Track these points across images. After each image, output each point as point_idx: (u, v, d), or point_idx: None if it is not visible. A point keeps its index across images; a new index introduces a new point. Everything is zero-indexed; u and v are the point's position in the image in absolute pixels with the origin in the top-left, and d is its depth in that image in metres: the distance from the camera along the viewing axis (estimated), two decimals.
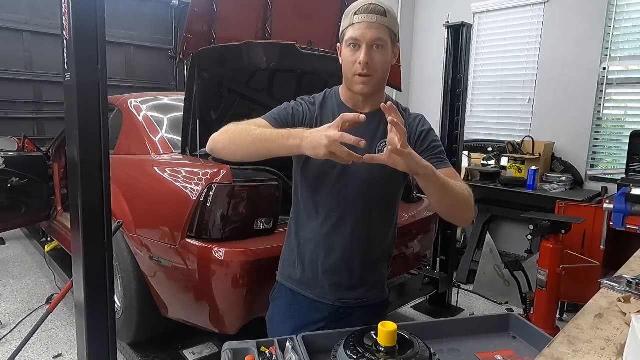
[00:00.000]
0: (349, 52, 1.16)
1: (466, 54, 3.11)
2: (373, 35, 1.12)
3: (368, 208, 1.25)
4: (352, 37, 1.14)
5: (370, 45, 1.13)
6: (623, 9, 3.53)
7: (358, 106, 1.25)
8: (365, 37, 1.12)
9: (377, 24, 1.13)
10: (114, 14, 5.50)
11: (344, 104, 1.26)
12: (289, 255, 1.35)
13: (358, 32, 1.13)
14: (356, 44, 1.14)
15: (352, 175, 1.21)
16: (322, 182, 1.24)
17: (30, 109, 5.25)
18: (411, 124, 1.27)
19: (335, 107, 1.26)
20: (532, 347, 1.15)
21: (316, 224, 1.26)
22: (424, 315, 3.25)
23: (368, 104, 1.24)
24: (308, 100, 1.29)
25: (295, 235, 1.32)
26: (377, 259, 1.33)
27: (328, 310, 1.29)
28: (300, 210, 1.31)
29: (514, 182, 3.68)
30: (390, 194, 1.30)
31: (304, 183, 1.28)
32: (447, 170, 1.19)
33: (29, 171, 3.26)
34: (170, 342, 2.32)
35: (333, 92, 1.30)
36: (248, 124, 1.15)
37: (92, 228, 1.37)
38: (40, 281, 3.57)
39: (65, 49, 1.29)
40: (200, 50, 1.97)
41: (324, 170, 1.22)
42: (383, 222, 1.30)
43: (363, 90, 1.18)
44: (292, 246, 1.33)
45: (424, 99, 4.86)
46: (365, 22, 1.13)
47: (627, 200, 1.80)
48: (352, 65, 1.16)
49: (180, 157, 2.19)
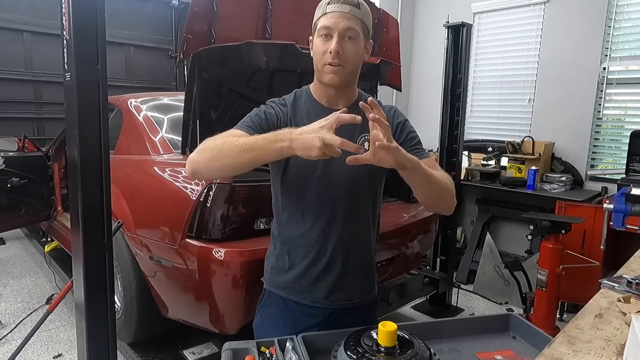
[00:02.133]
0: (320, 42, 1.15)
1: (466, 54, 3.11)
2: (345, 25, 1.12)
3: (354, 206, 1.24)
4: (324, 25, 1.13)
5: (342, 35, 1.12)
6: (623, 9, 3.53)
7: (331, 102, 1.22)
8: (337, 26, 1.12)
9: (350, 14, 1.12)
10: (114, 14, 5.50)
11: (317, 101, 1.24)
12: (276, 263, 1.31)
13: (330, 20, 1.12)
14: (328, 33, 1.13)
15: (335, 175, 1.20)
16: (305, 186, 1.21)
17: (30, 109, 5.25)
18: (389, 116, 1.25)
19: (308, 105, 1.24)
20: (532, 347, 1.15)
21: (304, 229, 1.24)
22: (424, 315, 3.25)
23: (341, 99, 1.23)
24: (279, 102, 1.26)
25: (282, 243, 1.29)
26: (366, 256, 1.32)
27: (322, 314, 1.27)
28: (285, 218, 1.27)
29: (514, 182, 3.68)
30: (374, 190, 1.28)
31: (286, 191, 1.25)
32: (427, 160, 1.18)
33: (29, 171, 3.26)
34: (170, 342, 2.32)
35: (304, 91, 1.27)
36: (226, 137, 1.09)
37: (92, 228, 1.37)
38: (40, 281, 3.57)
39: (65, 49, 1.29)
40: (200, 50, 1.97)
41: (305, 173, 1.20)
42: (369, 218, 1.29)
43: (332, 80, 1.15)
44: (280, 253, 1.30)
45: (424, 99, 4.86)
46: (337, 11, 1.12)
47: (627, 200, 1.81)
48: (322, 55, 1.14)
49: (180, 157, 2.19)
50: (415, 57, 4.98)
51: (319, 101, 1.24)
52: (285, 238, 1.28)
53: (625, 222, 1.84)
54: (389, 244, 2.31)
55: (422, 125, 4.39)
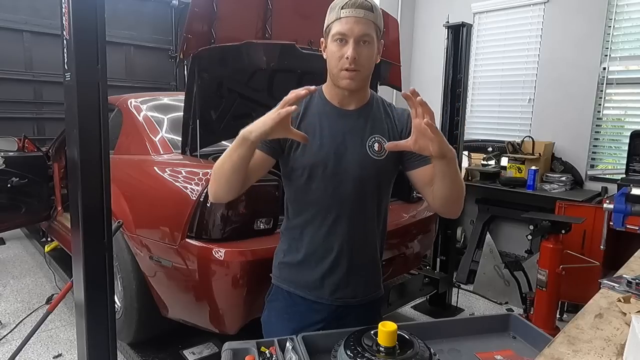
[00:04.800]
0: (336, 47, 1.15)
1: (466, 54, 3.11)
2: (361, 30, 1.12)
3: (363, 205, 1.25)
4: (339, 31, 1.13)
5: (358, 41, 1.12)
6: (623, 9, 3.53)
7: (344, 103, 1.23)
8: (353, 32, 1.12)
9: (365, 19, 1.12)
10: (114, 14, 5.50)
11: (329, 101, 1.24)
12: (284, 259, 1.33)
13: (346, 26, 1.12)
14: (343, 38, 1.13)
15: (345, 174, 1.20)
16: (314, 184, 1.22)
17: (30, 109, 5.25)
18: (400, 118, 1.27)
19: (320, 106, 1.24)
20: (532, 347, 1.15)
21: (312, 226, 1.25)
22: (424, 315, 3.25)
23: (353, 100, 1.23)
24: None
25: (291, 239, 1.30)
26: (373, 254, 1.33)
27: (327, 310, 1.28)
28: (294, 215, 1.29)
29: (514, 182, 3.68)
30: (382, 190, 1.29)
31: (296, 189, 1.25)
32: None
33: (29, 171, 3.26)
34: (170, 342, 2.32)
35: (317, 91, 1.27)
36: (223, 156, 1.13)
37: (92, 228, 1.37)
38: (40, 281, 3.57)
39: (65, 49, 1.29)
40: (200, 50, 1.97)
41: (315, 172, 1.21)
42: (377, 217, 1.30)
43: (350, 85, 1.16)
44: (288, 250, 1.32)
45: (424, 99, 4.85)
46: (353, 16, 1.12)
47: (627, 200, 1.81)
48: (338, 61, 1.15)
49: (180, 157, 2.19)
50: (415, 57, 4.98)
51: (330, 102, 1.25)
52: (293, 235, 1.30)
53: (625, 222, 1.84)
54: (389, 244, 2.30)
55: None
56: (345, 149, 1.20)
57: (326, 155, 1.19)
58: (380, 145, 1.22)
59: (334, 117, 1.23)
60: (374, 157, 1.21)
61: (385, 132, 1.24)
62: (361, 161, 1.21)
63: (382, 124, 1.25)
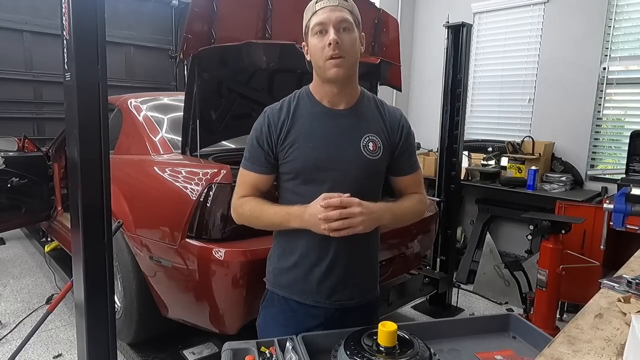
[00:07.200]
0: (317, 39, 1.15)
1: (466, 54, 3.11)
2: (338, 16, 1.13)
3: None
4: (317, 22, 1.14)
5: (338, 28, 1.13)
6: (623, 9, 3.53)
7: (333, 102, 1.22)
8: (331, 19, 1.13)
9: (340, 7, 1.15)
10: (114, 14, 5.50)
11: (319, 102, 1.23)
12: (279, 264, 1.31)
13: (323, 16, 1.14)
14: (322, 29, 1.14)
15: (341, 176, 1.20)
16: (310, 187, 1.21)
17: (30, 109, 5.25)
18: (393, 118, 1.28)
19: (309, 107, 1.23)
20: (532, 347, 1.15)
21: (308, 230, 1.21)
22: (424, 315, 3.25)
23: (344, 97, 1.22)
24: (271, 112, 1.24)
25: (285, 243, 1.29)
26: (370, 254, 1.33)
27: (324, 314, 1.27)
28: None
29: (514, 182, 3.68)
30: (376, 191, 1.29)
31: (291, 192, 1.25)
32: (414, 175, 1.31)
33: (29, 171, 3.26)
34: (170, 342, 2.32)
35: (304, 92, 1.26)
36: (245, 202, 1.25)
37: (92, 228, 1.37)
38: (40, 281, 3.57)
39: (65, 49, 1.29)
40: (200, 50, 1.96)
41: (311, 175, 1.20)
42: None
43: (337, 73, 1.15)
44: (282, 254, 1.30)
45: (424, 99, 4.86)
46: (328, 5, 1.14)
47: (627, 200, 1.81)
48: (321, 51, 1.14)
49: (180, 157, 2.19)
50: (415, 57, 4.98)
51: (320, 102, 1.23)
52: (288, 238, 1.28)
53: (625, 222, 1.84)
54: (389, 244, 2.30)
55: (422, 125, 4.41)
56: (340, 150, 1.20)
57: (320, 158, 1.19)
58: (374, 144, 1.22)
59: (325, 118, 1.22)
60: (369, 156, 1.21)
61: (378, 131, 1.24)
62: (357, 162, 1.20)
63: (375, 122, 1.25)
